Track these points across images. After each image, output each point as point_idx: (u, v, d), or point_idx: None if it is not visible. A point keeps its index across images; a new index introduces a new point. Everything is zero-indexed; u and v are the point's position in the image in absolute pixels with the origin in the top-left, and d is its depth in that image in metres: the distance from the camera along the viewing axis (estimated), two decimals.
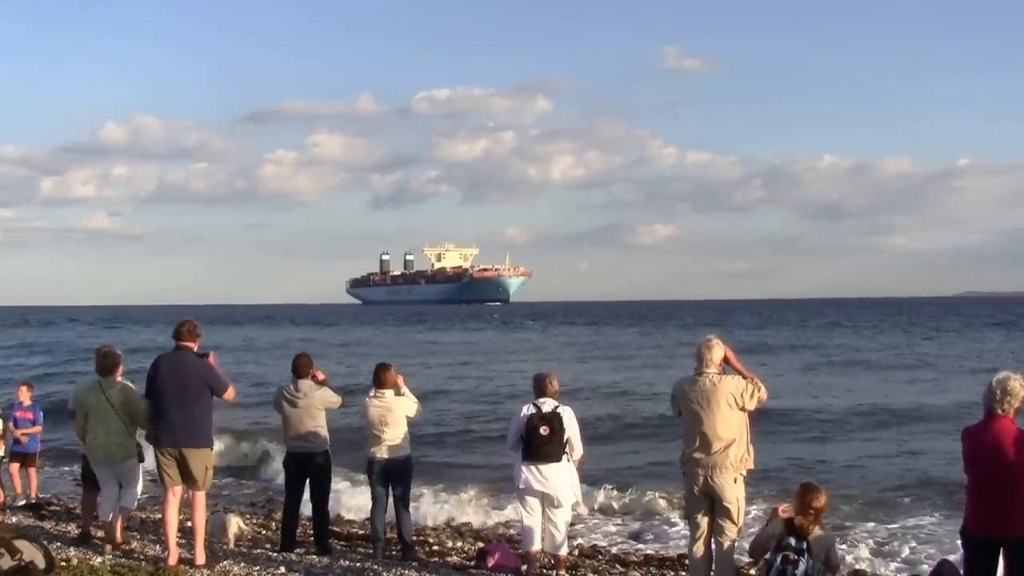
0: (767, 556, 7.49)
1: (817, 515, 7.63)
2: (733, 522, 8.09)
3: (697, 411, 8.03)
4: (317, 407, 10.24)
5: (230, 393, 9.55)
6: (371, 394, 10.22)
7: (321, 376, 10.42)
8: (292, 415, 10.23)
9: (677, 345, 52.82)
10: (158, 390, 9.26)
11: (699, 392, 8.05)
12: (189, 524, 9.72)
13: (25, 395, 13.40)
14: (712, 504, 8.10)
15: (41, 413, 13.49)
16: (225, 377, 9.60)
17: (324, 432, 10.34)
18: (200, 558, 9.34)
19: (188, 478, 9.31)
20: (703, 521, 8.13)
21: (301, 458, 10.31)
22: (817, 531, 7.53)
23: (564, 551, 9.62)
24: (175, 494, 9.40)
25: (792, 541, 7.46)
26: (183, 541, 9.79)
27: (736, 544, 8.17)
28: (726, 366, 8.20)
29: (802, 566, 7.42)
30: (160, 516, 10.19)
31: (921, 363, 41.66)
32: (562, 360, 46.66)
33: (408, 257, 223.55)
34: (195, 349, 9.50)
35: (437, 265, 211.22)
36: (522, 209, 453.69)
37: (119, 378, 9.97)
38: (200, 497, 9.41)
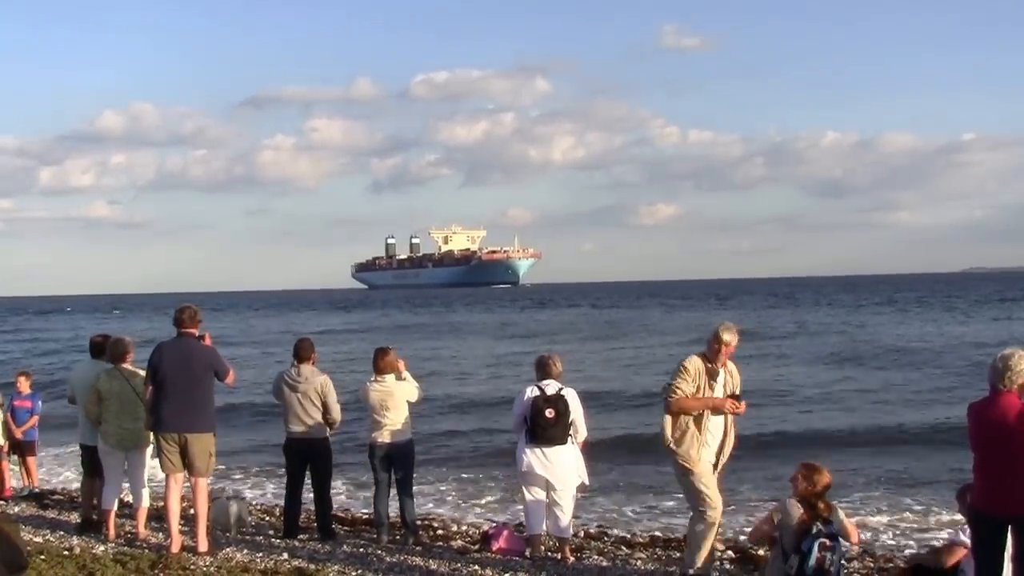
0: (801, 546, 7.36)
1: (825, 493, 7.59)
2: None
3: None
4: (317, 391, 10.17)
5: (231, 377, 9.63)
6: (372, 378, 10.15)
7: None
8: (292, 399, 10.17)
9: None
10: (163, 377, 9.25)
11: None
12: (192, 512, 9.72)
13: (24, 385, 13.43)
14: None
15: (40, 403, 13.50)
16: (226, 361, 9.62)
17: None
18: (203, 545, 9.33)
19: (190, 464, 9.31)
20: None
21: (301, 443, 10.25)
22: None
23: (569, 534, 9.59)
24: (177, 481, 9.40)
25: (821, 526, 7.39)
26: (185, 528, 9.77)
27: (703, 524, 8.20)
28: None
29: (838, 550, 7.37)
30: (162, 504, 10.16)
31: None
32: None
33: (414, 240, 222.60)
34: (196, 334, 9.48)
35: (444, 248, 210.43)
36: (523, 191, 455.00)
37: (129, 366, 9.99)
38: (202, 484, 9.41)
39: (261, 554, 9.37)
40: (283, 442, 10.51)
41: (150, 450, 9.91)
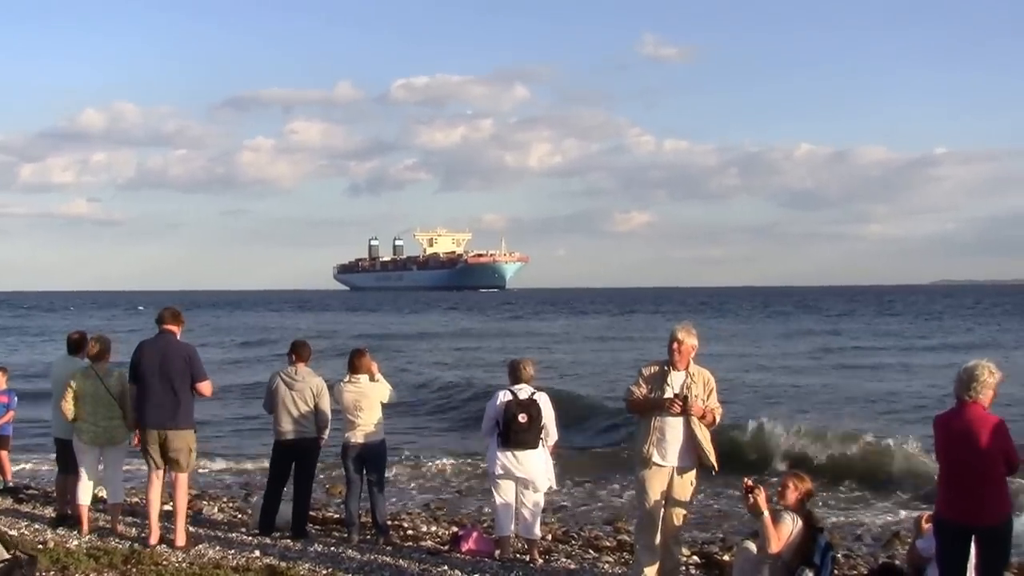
0: (812, 558, 7.37)
1: None
2: None
3: None
4: (312, 392, 10.23)
5: (207, 386, 9.59)
6: (346, 379, 10.22)
7: None
8: (287, 397, 10.17)
9: None
10: (142, 374, 9.38)
11: None
12: (168, 507, 9.79)
13: (0, 380, 13.43)
14: None
15: (16, 398, 13.51)
16: (204, 370, 9.64)
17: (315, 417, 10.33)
18: (181, 539, 9.45)
19: (171, 460, 9.44)
20: None
21: (291, 442, 10.25)
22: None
23: (538, 536, 9.71)
24: (158, 476, 9.55)
25: (822, 539, 7.50)
26: (166, 524, 9.84)
27: (636, 523, 8.50)
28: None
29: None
30: (137, 499, 10.23)
31: None
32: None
33: (397, 242, 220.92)
34: (178, 334, 9.55)
35: (429, 250, 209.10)
36: (500, 196, 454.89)
37: (108, 364, 10.05)
38: (182, 479, 9.54)
39: (233, 551, 9.45)
40: (272, 444, 10.51)
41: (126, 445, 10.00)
